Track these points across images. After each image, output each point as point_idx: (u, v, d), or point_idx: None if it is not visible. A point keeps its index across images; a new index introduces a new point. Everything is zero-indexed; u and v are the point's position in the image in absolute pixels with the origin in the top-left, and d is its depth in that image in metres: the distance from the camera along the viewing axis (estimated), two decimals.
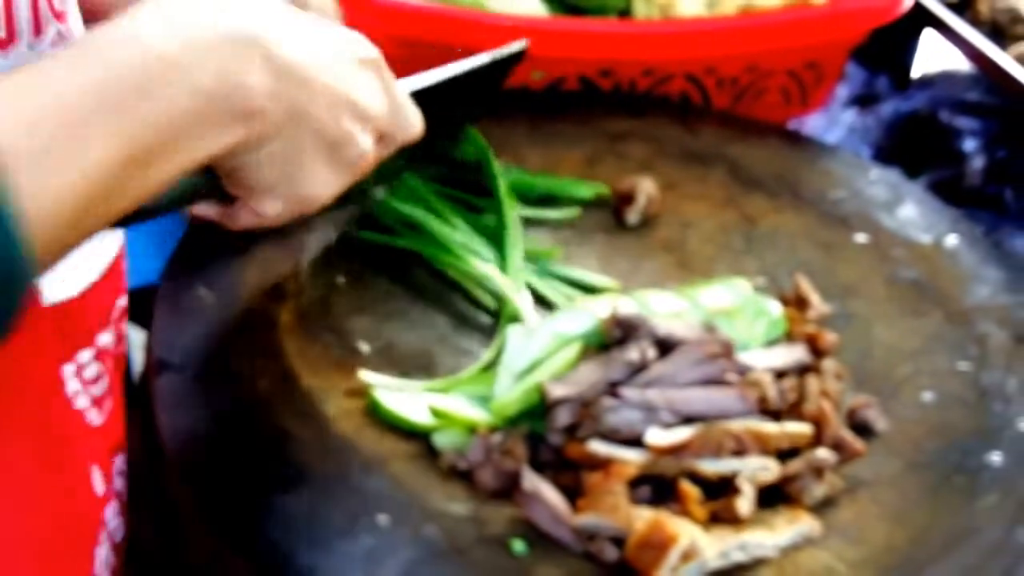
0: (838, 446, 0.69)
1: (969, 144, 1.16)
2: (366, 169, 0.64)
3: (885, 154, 1.17)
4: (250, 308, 0.77)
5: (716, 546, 0.62)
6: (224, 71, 0.53)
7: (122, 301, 0.73)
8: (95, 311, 0.69)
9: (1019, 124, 1.14)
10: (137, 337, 0.82)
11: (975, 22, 1.21)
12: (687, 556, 0.61)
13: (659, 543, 0.60)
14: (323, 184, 0.62)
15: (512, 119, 1.00)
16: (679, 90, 1.09)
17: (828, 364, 0.75)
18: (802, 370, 0.75)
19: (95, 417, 0.68)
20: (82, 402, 0.67)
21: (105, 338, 0.70)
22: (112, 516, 0.70)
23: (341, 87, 0.60)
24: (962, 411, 0.74)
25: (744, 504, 0.64)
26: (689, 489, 0.64)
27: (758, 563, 0.63)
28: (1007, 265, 0.88)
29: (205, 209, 0.64)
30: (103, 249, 0.69)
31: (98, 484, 0.69)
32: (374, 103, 0.63)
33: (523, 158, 0.96)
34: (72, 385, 0.66)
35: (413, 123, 0.69)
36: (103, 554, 0.69)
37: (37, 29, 0.57)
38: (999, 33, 1.20)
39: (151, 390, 0.70)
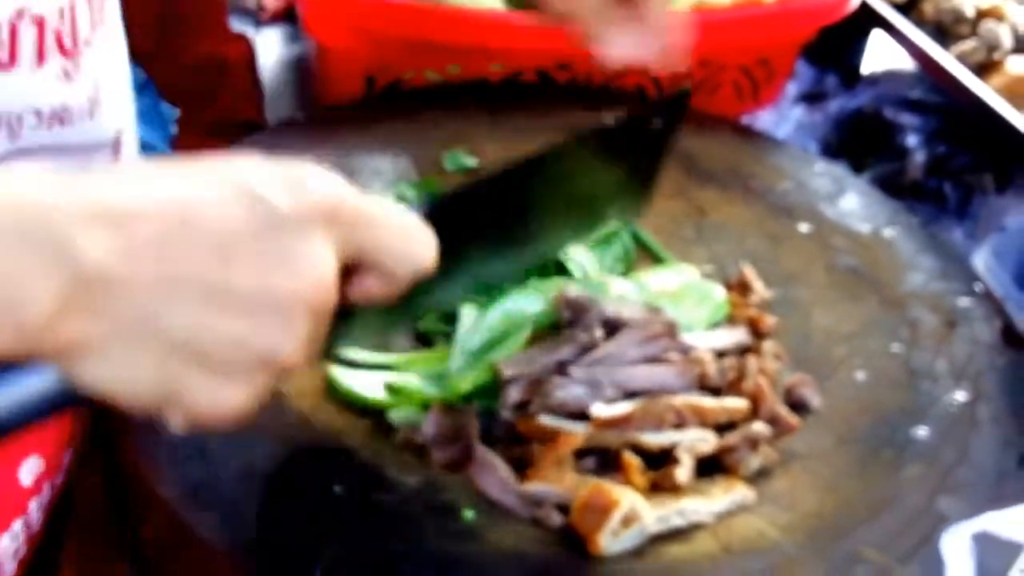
0: (773, 421, 0.72)
1: (911, 140, 1.20)
2: (301, 355, 0.48)
3: (832, 149, 1.21)
4: None
5: (655, 512, 0.65)
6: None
7: None
8: None
9: (959, 121, 1.18)
10: None
11: (920, 22, 1.25)
12: (628, 520, 0.64)
13: (601, 507, 0.64)
14: (220, 397, 0.47)
15: (470, 111, 1.03)
16: (634, 84, 1.12)
17: (767, 345, 0.79)
18: (742, 351, 0.78)
19: None
20: None
21: None
22: (36, 509, 0.69)
23: (220, 276, 0.45)
24: (892, 390, 0.78)
25: (683, 473, 0.67)
26: (631, 459, 0.68)
27: (695, 528, 0.66)
28: (942, 255, 0.92)
29: None
30: None
31: (25, 477, 0.68)
32: (299, 274, 0.47)
33: (481, 150, 0.99)
34: None
35: (419, 251, 0.52)
36: (10, 542, 0.68)
37: (40, 59, 0.57)
38: (943, 33, 1.24)
39: None
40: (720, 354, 0.77)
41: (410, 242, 0.52)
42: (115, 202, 0.44)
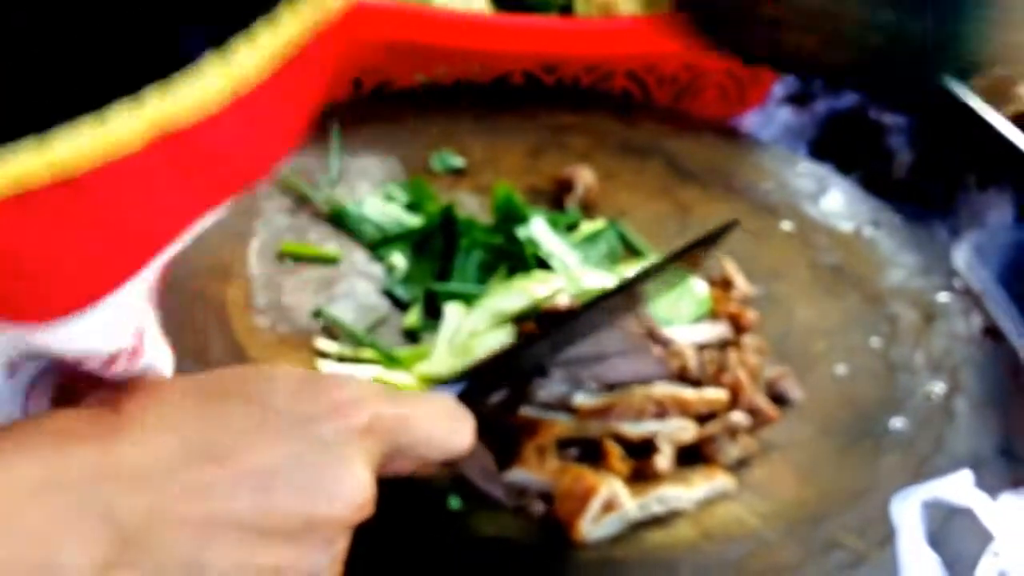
0: (753, 412, 0.74)
1: (896, 140, 1.21)
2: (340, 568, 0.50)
3: (820, 150, 1.22)
4: (199, 289, 0.81)
5: (636, 499, 0.66)
6: (32, 539, 0.41)
7: None
8: None
9: (941, 121, 1.20)
10: None
11: None
12: (608, 507, 0.65)
13: (581, 494, 0.65)
14: None
15: (457, 113, 1.04)
16: (621, 87, 1.14)
17: (749, 340, 0.80)
18: (724, 345, 0.80)
19: None
20: None
21: None
22: None
23: (261, 511, 0.45)
24: (871, 382, 0.80)
25: (663, 461, 0.69)
26: (612, 446, 0.69)
27: (675, 516, 0.68)
28: (922, 251, 0.94)
29: None
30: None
31: None
32: (341, 499, 0.47)
33: (468, 149, 1.00)
34: None
35: (455, 439, 0.54)
36: None
37: None
38: None
39: None
40: (701, 348, 0.78)
41: (446, 432, 0.53)
42: (152, 459, 0.44)
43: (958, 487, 0.60)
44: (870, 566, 0.64)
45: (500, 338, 0.76)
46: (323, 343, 0.78)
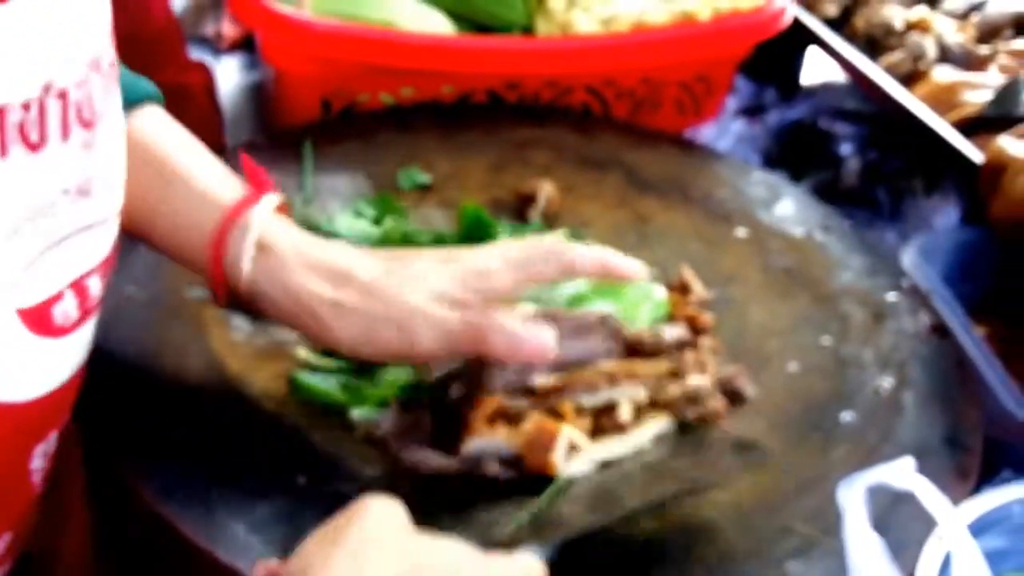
0: (706, 411, 0.77)
1: (846, 148, 1.26)
2: None
3: (772, 160, 1.27)
4: (176, 305, 0.84)
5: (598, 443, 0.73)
6: None
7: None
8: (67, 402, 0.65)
9: (889, 129, 1.24)
10: None
11: (853, 36, 1.32)
12: (573, 447, 0.71)
13: (545, 439, 0.71)
14: None
15: (423, 131, 1.08)
16: (581, 101, 1.18)
17: (705, 341, 0.84)
18: (681, 346, 0.83)
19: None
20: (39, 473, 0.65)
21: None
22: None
23: None
24: (822, 378, 0.83)
25: (624, 413, 0.75)
26: (567, 406, 0.74)
27: (636, 511, 0.71)
28: (871, 254, 0.98)
29: None
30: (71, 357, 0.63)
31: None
32: None
33: (433, 165, 1.04)
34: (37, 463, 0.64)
35: None
36: None
37: (65, 134, 0.56)
38: (875, 45, 1.30)
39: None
40: (660, 349, 0.81)
41: None
42: None
43: (901, 472, 0.63)
44: (821, 551, 0.68)
45: None
46: (301, 351, 0.81)
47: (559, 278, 0.75)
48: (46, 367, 0.59)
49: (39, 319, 0.57)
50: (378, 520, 0.53)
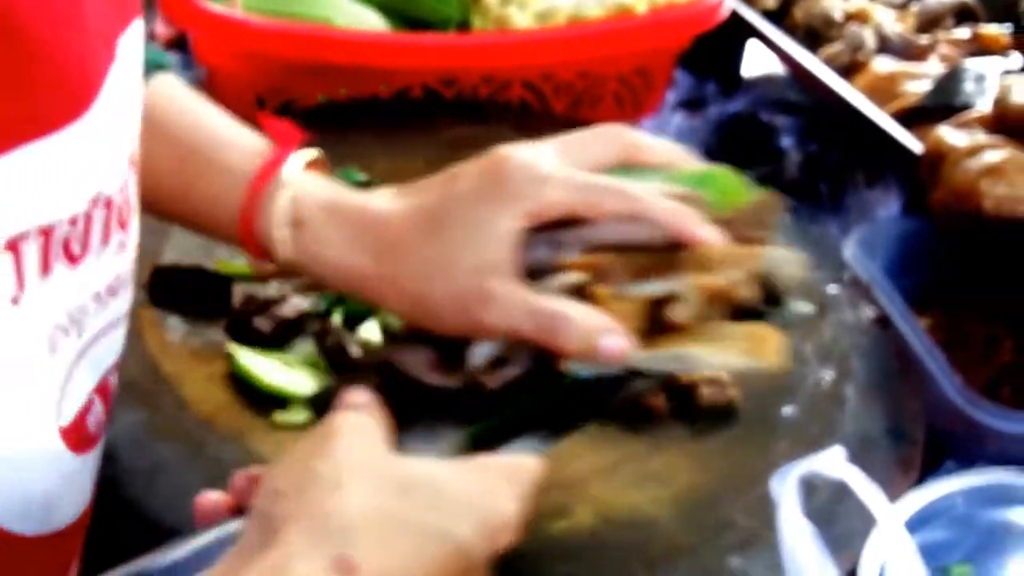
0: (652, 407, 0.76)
1: (786, 141, 1.26)
2: None
3: (714, 153, 1.26)
4: None
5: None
6: None
7: None
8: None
9: (829, 121, 1.24)
10: None
11: (793, 28, 1.31)
12: None
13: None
14: None
15: (360, 129, 1.07)
16: (519, 97, 1.17)
17: None
18: None
19: None
20: None
21: None
22: None
23: None
24: (764, 374, 0.82)
25: (681, 311, 0.60)
26: (601, 290, 0.62)
27: (575, 503, 0.70)
28: (812, 246, 0.97)
29: None
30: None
31: None
32: None
33: (371, 164, 1.02)
34: None
35: None
36: None
37: (105, 240, 0.53)
38: (815, 37, 1.30)
39: None
40: None
41: None
42: None
43: (832, 462, 0.63)
44: (762, 543, 0.67)
45: None
46: (232, 347, 0.79)
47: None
48: (83, 485, 0.57)
49: (77, 434, 0.54)
50: (354, 443, 0.50)
